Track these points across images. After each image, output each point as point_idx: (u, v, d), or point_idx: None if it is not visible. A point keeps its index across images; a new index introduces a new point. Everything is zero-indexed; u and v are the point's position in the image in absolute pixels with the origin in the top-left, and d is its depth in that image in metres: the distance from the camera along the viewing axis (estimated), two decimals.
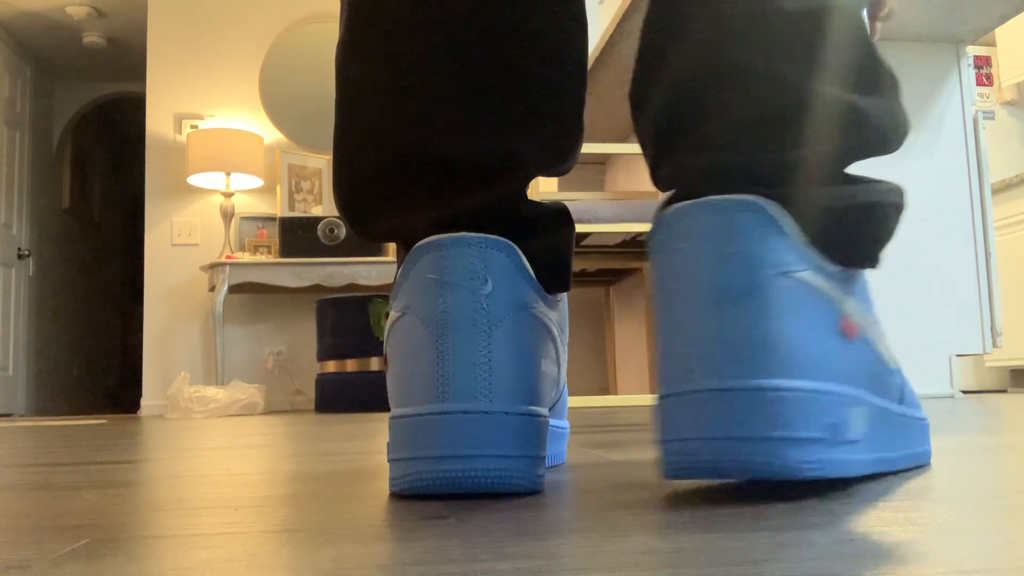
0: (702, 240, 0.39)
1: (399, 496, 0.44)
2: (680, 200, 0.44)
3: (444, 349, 0.42)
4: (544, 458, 0.43)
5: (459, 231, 0.46)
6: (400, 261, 0.51)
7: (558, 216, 0.52)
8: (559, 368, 0.50)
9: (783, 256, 0.39)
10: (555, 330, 0.47)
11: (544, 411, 0.44)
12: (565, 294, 0.52)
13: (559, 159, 0.51)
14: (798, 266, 0.39)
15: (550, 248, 0.50)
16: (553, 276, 0.50)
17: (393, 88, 0.48)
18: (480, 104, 0.47)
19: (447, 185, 0.47)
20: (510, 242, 0.44)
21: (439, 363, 0.41)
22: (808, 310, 0.39)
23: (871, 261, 0.45)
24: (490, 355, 0.42)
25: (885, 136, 0.45)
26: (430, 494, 0.42)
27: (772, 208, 0.39)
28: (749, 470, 0.37)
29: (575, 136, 0.51)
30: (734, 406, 0.37)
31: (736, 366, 0.37)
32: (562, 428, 0.59)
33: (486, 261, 0.43)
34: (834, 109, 0.43)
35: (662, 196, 0.49)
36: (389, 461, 0.44)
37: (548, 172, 0.51)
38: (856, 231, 0.44)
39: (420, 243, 0.44)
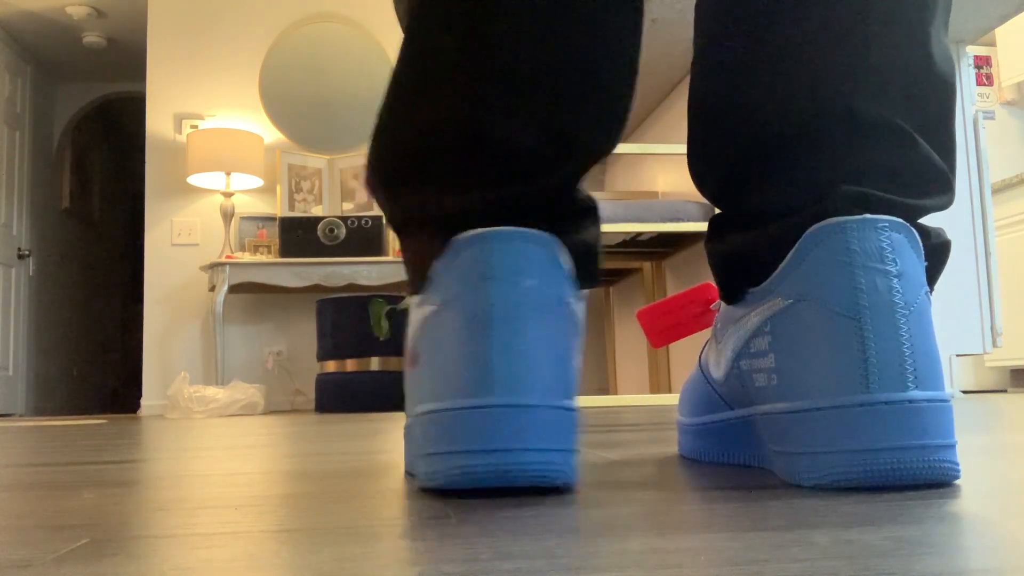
0: (868, 257, 0.42)
1: (403, 494, 0.44)
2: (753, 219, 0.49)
3: (489, 343, 0.41)
4: (576, 451, 0.43)
5: (505, 219, 0.45)
6: (416, 252, 0.49)
7: (591, 210, 0.52)
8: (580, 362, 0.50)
9: (923, 276, 0.43)
10: (583, 325, 0.47)
11: (576, 405, 0.44)
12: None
13: (608, 149, 0.51)
14: (925, 286, 0.43)
15: (584, 243, 0.50)
16: (584, 271, 0.49)
17: (461, 61, 0.47)
18: (546, 87, 0.47)
19: (504, 166, 0.47)
20: (552, 236, 0.44)
21: (483, 357, 0.41)
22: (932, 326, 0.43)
23: (932, 288, 0.49)
24: (532, 349, 0.41)
25: (950, 204, 0.49)
26: (472, 488, 0.41)
27: (912, 233, 0.43)
28: (917, 476, 0.40)
29: (624, 126, 0.51)
30: (918, 416, 0.40)
31: (913, 378, 0.41)
32: None
33: (528, 256, 0.42)
34: (938, 172, 0.48)
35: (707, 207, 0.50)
36: (423, 456, 0.42)
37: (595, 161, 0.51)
38: (941, 265, 0.49)
39: (461, 237, 0.43)
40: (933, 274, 0.48)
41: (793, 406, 0.43)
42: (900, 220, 0.43)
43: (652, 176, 3.07)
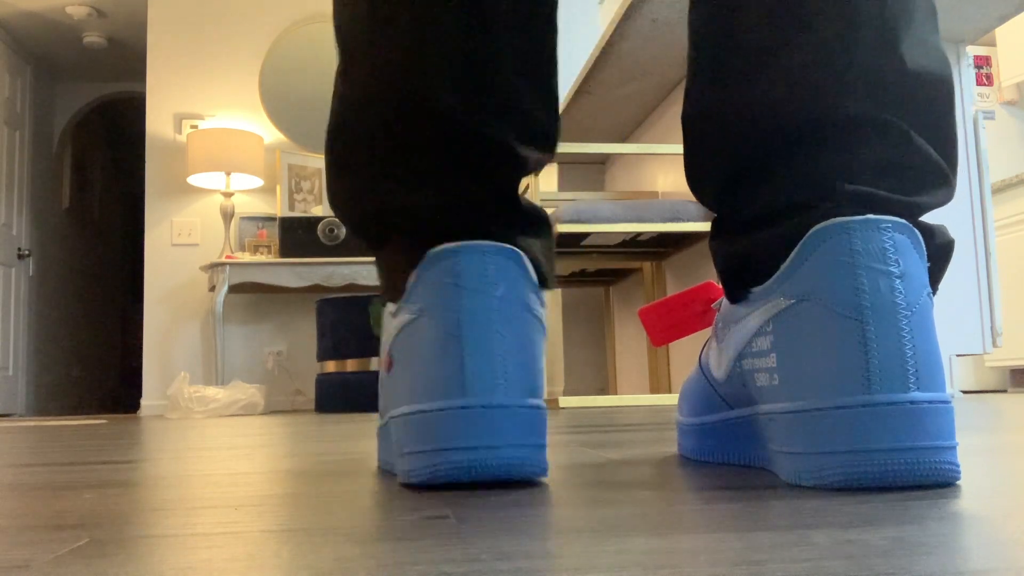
0: (870, 258, 0.42)
1: (403, 494, 0.44)
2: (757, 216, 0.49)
3: (462, 349, 0.44)
4: (546, 446, 0.47)
5: (466, 230, 0.49)
6: (388, 264, 0.53)
7: (543, 219, 0.56)
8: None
9: (926, 276, 0.43)
10: (546, 327, 0.51)
11: (544, 403, 0.47)
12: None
13: (549, 155, 0.54)
14: (927, 287, 0.43)
15: (541, 251, 0.54)
16: (541, 276, 0.53)
17: (407, 48, 0.49)
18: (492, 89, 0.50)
19: (452, 163, 0.50)
20: (518, 250, 0.47)
21: (457, 362, 0.44)
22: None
23: (936, 290, 0.49)
24: (505, 353, 0.45)
25: (949, 199, 0.49)
26: (449, 484, 0.44)
27: (915, 234, 0.43)
28: (917, 478, 0.40)
29: (557, 129, 0.54)
30: (919, 417, 0.40)
31: (915, 380, 0.41)
32: None
33: (497, 267, 0.46)
34: (935, 166, 0.48)
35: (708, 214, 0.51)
36: (404, 455, 0.46)
37: (537, 168, 0.55)
38: (944, 265, 0.49)
39: (434, 250, 0.46)
40: (936, 275, 0.48)
41: (794, 406, 0.43)
42: (903, 221, 0.43)
43: (652, 176, 3.07)
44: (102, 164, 6.27)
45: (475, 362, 0.44)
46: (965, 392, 3.48)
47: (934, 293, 0.47)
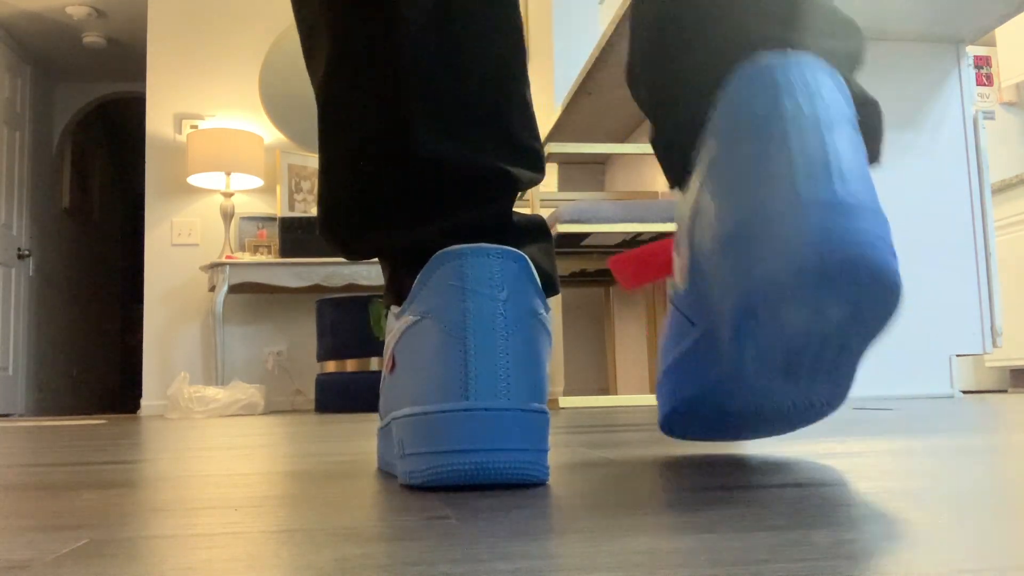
0: (790, 87, 0.43)
1: (403, 494, 0.44)
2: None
3: (465, 351, 0.44)
4: (548, 451, 0.46)
5: (471, 241, 0.50)
6: (392, 268, 0.55)
7: (541, 228, 0.57)
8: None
9: (845, 105, 0.44)
10: (551, 333, 0.51)
11: (547, 408, 0.47)
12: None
13: (530, 143, 0.55)
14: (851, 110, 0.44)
15: (542, 256, 0.55)
16: (545, 282, 0.54)
17: (388, 100, 0.51)
18: (455, 92, 0.51)
19: (450, 200, 0.51)
20: (523, 254, 0.47)
21: (461, 364, 0.44)
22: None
23: (877, 157, 0.50)
24: (508, 357, 0.45)
25: (863, 45, 0.51)
26: (449, 486, 0.44)
27: (826, 64, 0.44)
28: None
29: (527, 109, 0.56)
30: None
31: (840, 179, 0.41)
32: None
33: (503, 270, 0.46)
34: (836, 13, 0.50)
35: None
36: (404, 456, 0.46)
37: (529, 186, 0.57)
38: (876, 118, 0.50)
39: (440, 252, 0.46)
40: (872, 137, 0.49)
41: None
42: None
43: (652, 176, 3.07)
44: (102, 164, 6.27)
45: (479, 365, 0.44)
46: (965, 392, 3.48)
47: (876, 161, 0.49)
